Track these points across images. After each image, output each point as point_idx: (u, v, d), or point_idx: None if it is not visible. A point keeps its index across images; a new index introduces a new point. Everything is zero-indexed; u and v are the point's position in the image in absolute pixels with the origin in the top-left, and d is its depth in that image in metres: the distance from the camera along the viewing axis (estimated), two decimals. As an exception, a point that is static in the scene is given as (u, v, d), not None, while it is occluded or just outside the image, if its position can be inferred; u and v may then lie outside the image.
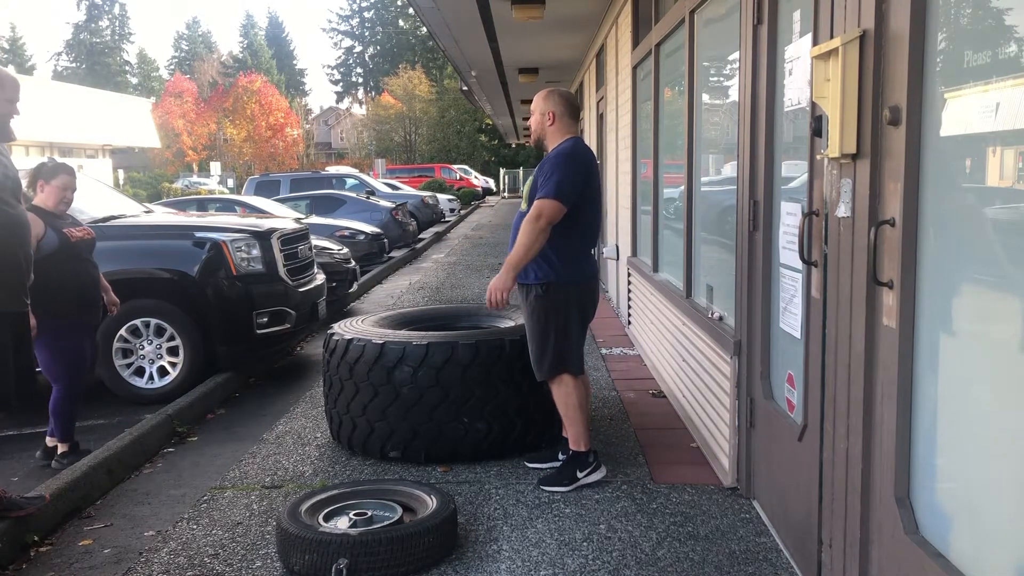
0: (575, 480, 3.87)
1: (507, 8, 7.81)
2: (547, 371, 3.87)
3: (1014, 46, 1.81)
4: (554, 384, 3.89)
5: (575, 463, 3.91)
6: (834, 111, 2.39)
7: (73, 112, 28.22)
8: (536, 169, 3.92)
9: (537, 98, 4.03)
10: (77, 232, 4.56)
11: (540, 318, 3.84)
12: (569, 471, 3.90)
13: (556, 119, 3.93)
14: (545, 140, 4.00)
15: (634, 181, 7.36)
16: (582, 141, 3.95)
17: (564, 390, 3.88)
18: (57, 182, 4.49)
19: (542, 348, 3.86)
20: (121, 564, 3.35)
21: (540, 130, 4.00)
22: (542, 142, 4.03)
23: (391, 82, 63.27)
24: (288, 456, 4.51)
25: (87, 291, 4.58)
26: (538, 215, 3.70)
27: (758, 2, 3.39)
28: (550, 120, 3.94)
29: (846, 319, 2.49)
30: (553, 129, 3.94)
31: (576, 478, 3.88)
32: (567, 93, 4.05)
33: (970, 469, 2.00)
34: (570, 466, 3.92)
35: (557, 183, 3.70)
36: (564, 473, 3.91)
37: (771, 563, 3.14)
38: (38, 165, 4.60)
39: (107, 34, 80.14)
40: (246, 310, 6.07)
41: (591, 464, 3.91)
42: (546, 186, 3.72)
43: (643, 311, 6.50)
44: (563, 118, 3.94)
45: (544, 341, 3.84)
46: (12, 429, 5.23)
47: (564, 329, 3.84)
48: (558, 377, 3.87)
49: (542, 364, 3.88)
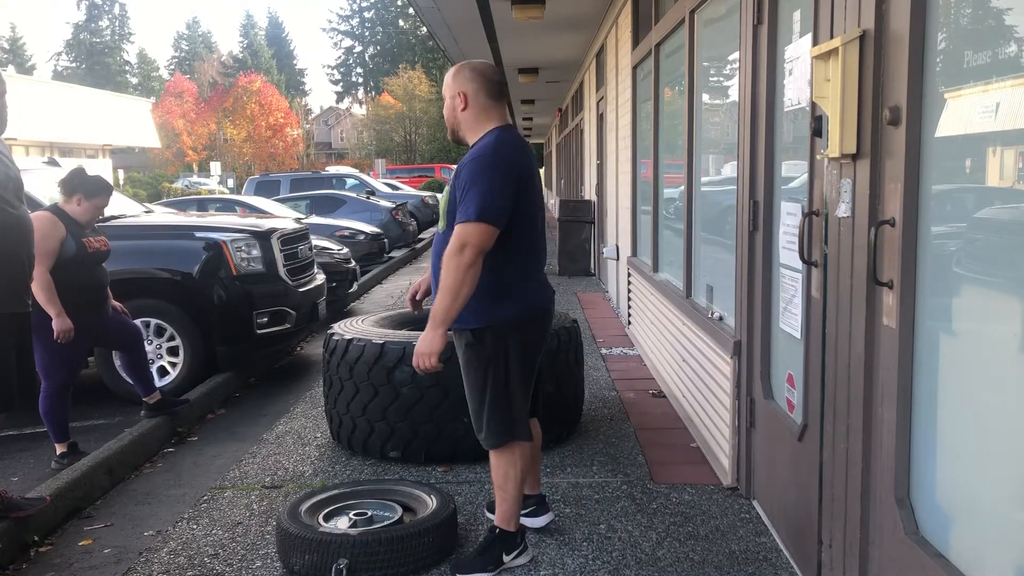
0: (500, 564, 3.11)
1: (507, 8, 7.81)
2: (490, 439, 3.04)
3: (1014, 46, 1.81)
4: (495, 452, 3.09)
5: (501, 543, 3.13)
6: (834, 111, 2.39)
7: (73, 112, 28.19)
8: (452, 176, 2.98)
9: (446, 77, 3.08)
10: (95, 242, 4.65)
11: (474, 371, 3.02)
12: (493, 553, 3.12)
13: (469, 103, 2.99)
14: (460, 132, 3.07)
15: (634, 181, 7.36)
16: (509, 130, 3.01)
17: (507, 459, 3.06)
18: (97, 202, 4.62)
19: (479, 407, 3.04)
20: (121, 564, 3.35)
21: (452, 119, 3.06)
22: (457, 135, 3.10)
23: (391, 82, 63.31)
24: (288, 456, 4.51)
25: (93, 295, 4.61)
26: (461, 246, 2.79)
27: (758, 2, 3.39)
28: (462, 104, 3.00)
29: (846, 319, 2.49)
30: (467, 116, 3.00)
31: (502, 562, 3.12)
32: (483, 65, 3.06)
33: (970, 469, 2.00)
34: (495, 547, 3.12)
35: (480, 198, 2.80)
36: (488, 556, 3.11)
37: (771, 563, 3.14)
38: (78, 174, 4.61)
39: (107, 34, 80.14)
40: (246, 310, 6.08)
41: (519, 545, 3.16)
42: (466, 203, 2.82)
43: (643, 311, 6.50)
44: (478, 100, 2.99)
45: (482, 399, 3.02)
46: (12, 429, 5.23)
47: (504, 384, 2.99)
48: (506, 448, 3.05)
49: (481, 428, 3.06)
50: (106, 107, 31.66)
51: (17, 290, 3.50)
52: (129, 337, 4.91)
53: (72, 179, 4.57)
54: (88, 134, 29.71)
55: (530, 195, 2.97)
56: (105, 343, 5.13)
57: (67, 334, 4.30)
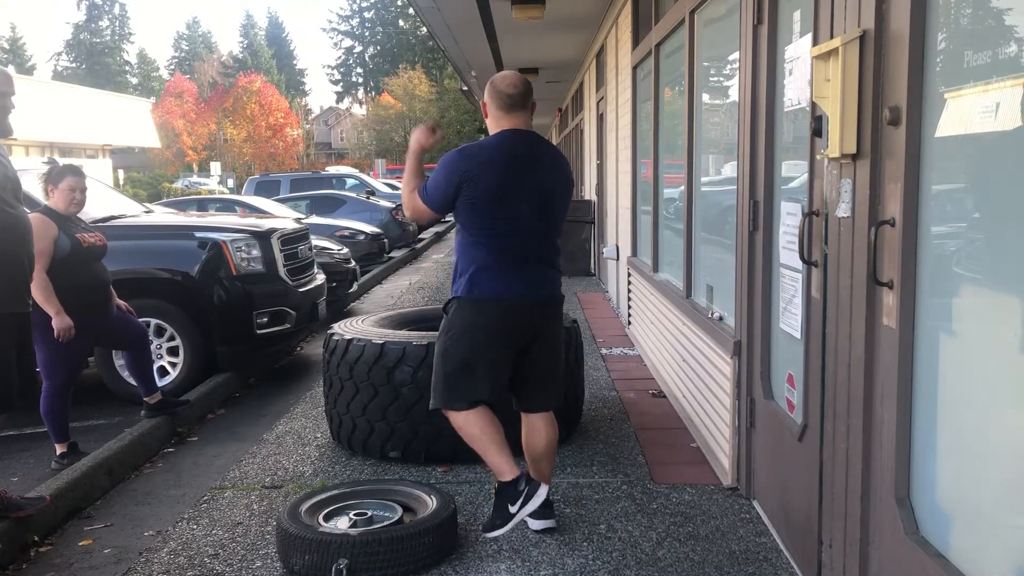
0: (510, 517, 3.25)
1: (507, 8, 7.81)
2: (434, 400, 3.37)
3: (1014, 46, 1.81)
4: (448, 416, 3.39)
5: (501, 496, 3.30)
6: (834, 111, 2.39)
7: (73, 112, 28.19)
8: None
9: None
10: (90, 237, 4.64)
11: (440, 335, 3.39)
12: (501, 509, 3.29)
13: (487, 112, 3.41)
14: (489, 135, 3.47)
15: (634, 181, 7.36)
16: (508, 134, 3.33)
17: (456, 425, 3.36)
18: (64, 184, 4.55)
19: (433, 370, 3.39)
20: (121, 564, 3.35)
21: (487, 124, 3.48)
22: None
23: (391, 82, 63.33)
24: (288, 456, 4.51)
25: (94, 294, 4.61)
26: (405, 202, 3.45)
27: (758, 2, 3.39)
28: (484, 112, 3.44)
29: (846, 319, 2.49)
30: (488, 123, 3.42)
31: (511, 515, 3.25)
32: (500, 80, 3.38)
33: (970, 469, 2.00)
34: (500, 502, 3.31)
35: (429, 180, 3.34)
36: (497, 513, 3.31)
37: (771, 563, 3.14)
38: (47, 169, 4.64)
39: (107, 34, 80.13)
40: (246, 310, 6.08)
41: (523, 491, 3.26)
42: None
43: (643, 311, 6.50)
44: (491, 110, 3.38)
45: (436, 362, 3.38)
46: (12, 429, 5.23)
47: (441, 354, 3.32)
48: (445, 412, 3.36)
49: (431, 389, 3.40)
50: (106, 107, 31.66)
51: (17, 290, 3.50)
52: (134, 337, 4.90)
53: (45, 177, 4.58)
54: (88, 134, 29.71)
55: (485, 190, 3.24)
56: (109, 343, 5.13)
57: (67, 332, 4.30)
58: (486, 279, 3.29)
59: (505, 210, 3.26)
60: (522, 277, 3.34)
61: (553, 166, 3.41)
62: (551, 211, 3.39)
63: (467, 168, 3.24)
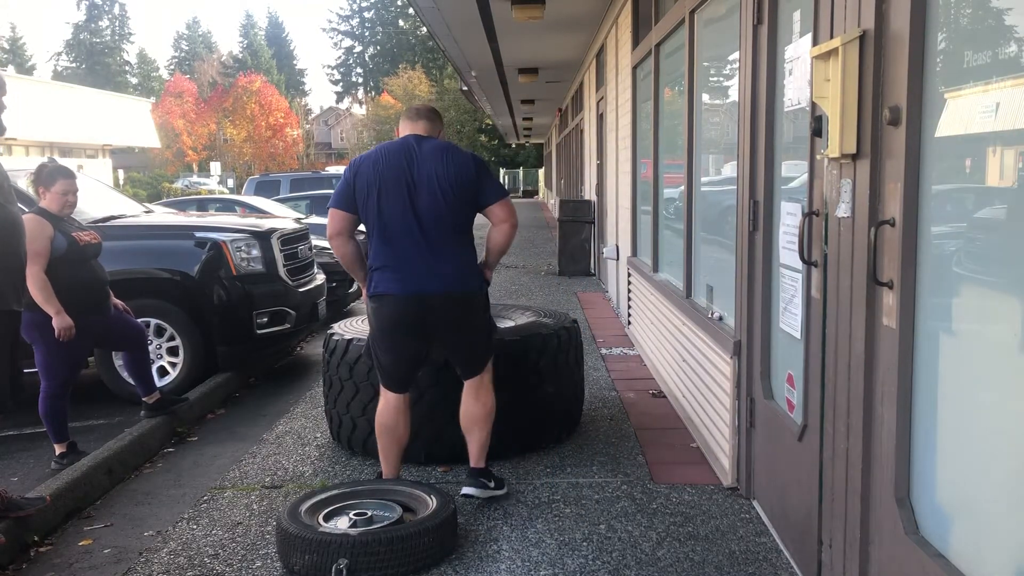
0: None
1: (507, 8, 7.81)
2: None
3: (1014, 46, 1.81)
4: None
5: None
6: (834, 111, 2.39)
7: (73, 112, 28.20)
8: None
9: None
10: (85, 236, 4.63)
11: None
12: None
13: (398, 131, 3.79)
14: None
15: (634, 181, 7.36)
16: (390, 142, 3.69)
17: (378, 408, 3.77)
18: (57, 188, 4.51)
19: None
20: (121, 564, 3.35)
21: None
22: None
23: (391, 82, 63.27)
24: (288, 456, 4.51)
25: (93, 293, 4.60)
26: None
27: (758, 2, 3.39)
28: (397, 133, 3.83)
29: (846, 319, 2.49)
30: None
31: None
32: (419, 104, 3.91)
33: (970, 469, 2.00)
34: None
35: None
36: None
37: (771, 563, 3.14)
38: (37, 168, 4.61)
39: (107, 34, 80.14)
40: (246, 310, 6.08)
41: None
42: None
43: (643, 311, 6.50)
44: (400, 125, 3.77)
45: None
46: (12, 429, 5.23)
47: (373, 341, 3.73)
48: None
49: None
50: (106, 107, 31.67)
51: (15, 286, 3.49)
52: (132, 337, 4.90)
53: (35, 178, 4.55)
54: (88, 134, 29.71)
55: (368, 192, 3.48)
56: (107, 343, 5.12)
57: (68, 332, 4.30)
58: (378, 276, 3.54)
59: (386, 204, 3.46)
60: (411, 272, 3.50)
61: (433, 157, 3.51)
62: (435, 201, 3.46)
63: (359, 163, 3.55)
